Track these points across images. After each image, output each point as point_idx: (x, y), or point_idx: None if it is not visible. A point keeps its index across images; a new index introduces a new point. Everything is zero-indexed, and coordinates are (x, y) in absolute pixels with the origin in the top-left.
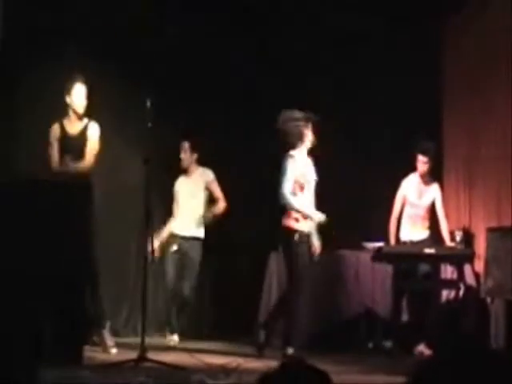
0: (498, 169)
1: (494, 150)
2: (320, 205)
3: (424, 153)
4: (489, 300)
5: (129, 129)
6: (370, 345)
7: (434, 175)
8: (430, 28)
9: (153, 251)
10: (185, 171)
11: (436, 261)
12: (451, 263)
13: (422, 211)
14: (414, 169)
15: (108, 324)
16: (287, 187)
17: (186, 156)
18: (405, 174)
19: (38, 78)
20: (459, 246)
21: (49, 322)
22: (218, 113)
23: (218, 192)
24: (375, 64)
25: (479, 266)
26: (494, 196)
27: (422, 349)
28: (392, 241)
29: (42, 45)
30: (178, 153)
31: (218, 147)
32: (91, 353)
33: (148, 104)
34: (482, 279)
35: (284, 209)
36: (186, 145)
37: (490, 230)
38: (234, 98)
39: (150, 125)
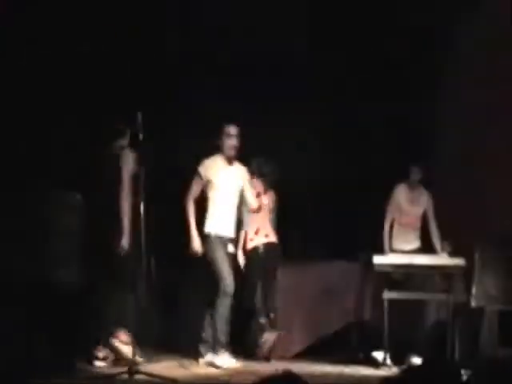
0: (488, 176)
1: (490, 153)
2: (314, 215)
3: (416, 161)
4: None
5: None
6: (361, 355)
7: (425, 183)
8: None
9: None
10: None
11: (427, 271)
12: (442, 273)
13: (414, 219)
14: (406, 176)
15: None
16: None
17: (236, 143)
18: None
19: None
20: (450, 256)
21: (44, 334)
22: None
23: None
24: (374, 65)
25: (469, 275)
26: (484, 204)
27: (414, 360)
28: (385, 250)
29: None
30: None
31: None
32: (84, 365)
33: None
34: (472, 289)
35: None
36: (235, 130)
37: (480, 240)
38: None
39: (141, 137)
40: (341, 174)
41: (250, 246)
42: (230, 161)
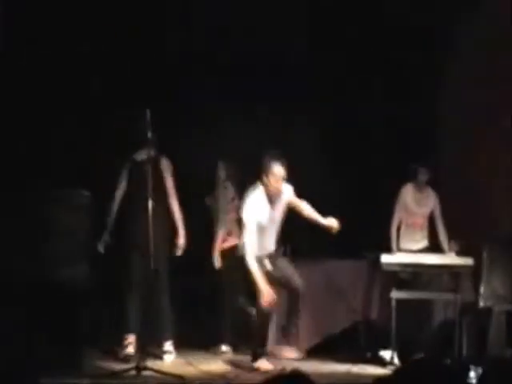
0: (494, 176)
1: (492, 152)
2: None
3: (423, 163)
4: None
5: None
6: (369, 354)
7: (432, 183)
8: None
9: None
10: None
11: (435, 270)
12: (450, 273)
13: (421, 219)
14: (411, 176)
15: None
16: None
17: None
18: (404, 181)
19: None
20: (457, 256)
21: (44, 334)
22: None
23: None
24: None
25: (477, 275)
26: (491, 204)
27: None
28: (393, 249)
29: None
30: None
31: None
32: (91, 361)
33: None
34: (480, 289)
35: None
36: (284, 172)
37: (488, 240)
38: None
39: (149, 135)
40: (340, 174)
41: (224, 246)
42: (274, 197)
